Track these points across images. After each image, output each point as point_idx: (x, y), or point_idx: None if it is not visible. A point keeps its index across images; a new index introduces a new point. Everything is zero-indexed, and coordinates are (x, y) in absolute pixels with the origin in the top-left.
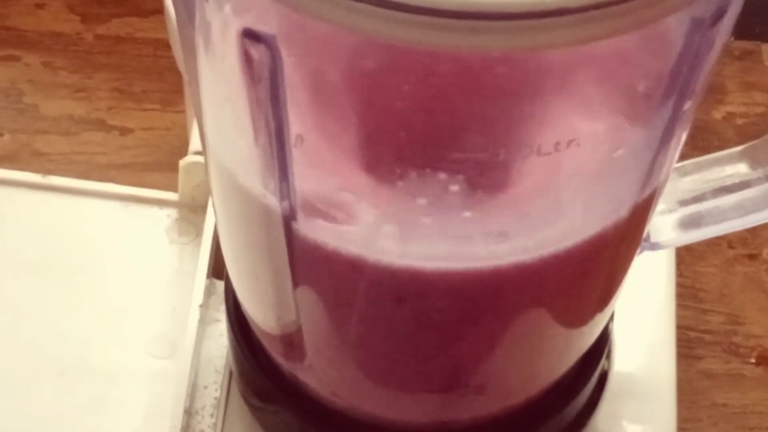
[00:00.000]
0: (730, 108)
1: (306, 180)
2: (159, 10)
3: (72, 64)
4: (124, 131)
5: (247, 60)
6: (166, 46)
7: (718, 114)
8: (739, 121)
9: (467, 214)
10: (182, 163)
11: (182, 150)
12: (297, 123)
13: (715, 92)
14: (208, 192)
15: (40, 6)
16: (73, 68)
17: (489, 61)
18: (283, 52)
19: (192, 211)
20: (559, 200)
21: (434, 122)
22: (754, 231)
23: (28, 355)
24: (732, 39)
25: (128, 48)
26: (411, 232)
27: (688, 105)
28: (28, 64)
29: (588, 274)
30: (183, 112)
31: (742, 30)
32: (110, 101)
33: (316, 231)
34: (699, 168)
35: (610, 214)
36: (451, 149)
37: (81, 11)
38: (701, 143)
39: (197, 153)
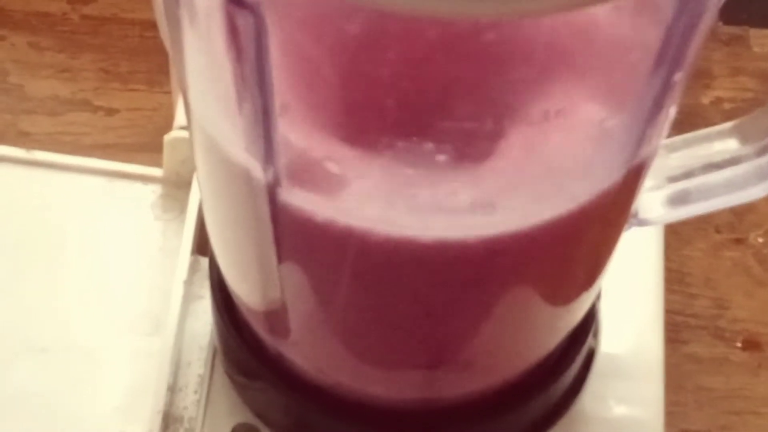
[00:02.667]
0: (718, 93)
1: (291, 149)
2: None
3: (58, 44)
4: (110, 111)
5: (232, 28)
6: (153, 26)
7: (705, 99)
8: (727, 106)
9: (455, 184)
10: (167, 138)
11: (169, 130)
12: (282, 91)
13: (703, 77)
14: (192, 168)
15: None
16: (58, 48)
17: (477, 28)
18: (268, 19)
19: (176, 188)
20: (548, 171)
21: (421, 90)
22: (741, 216)
23: (9, 331)
24: (720, 24)
25: (114, 28)
26: (397, 202)
27: (677, 76)
28: (14, 44)
29: (575, 247)
30: (169, 92)
31: (730, 15)
32: (96, 81)
33: (301, 201)
34: (688, 144)
35: (598, 186)
36: (438, 118)
37: None
38: (688, 128)
39: (182, 128)
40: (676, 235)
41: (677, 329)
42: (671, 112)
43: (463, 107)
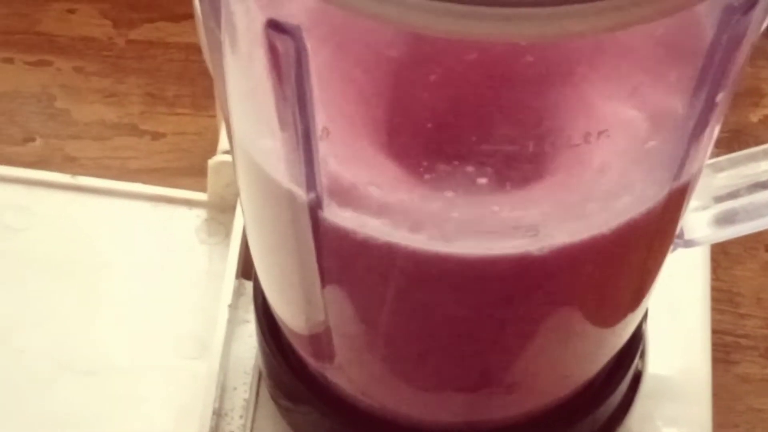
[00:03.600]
0: (767, 111)
1: (332, 172)
2: (190, 15)
3: (103, 69)
4: (156, 136)
5: (273, 52)
6: (198, 50)
7: (754, 117)
8: None
9: (495, 207)
10: (211, 162)
11: (214, 154)
12: (323, 115)
13: (752, 95)
14: (237, 192)
15: (71, 11)
16: (104, 73)
17: (517, 50)
18: (308, 44)
19: (221, 212)
20: (590, 193)
21: (462, 113)
22: None
23: (56, 354)
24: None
25: (160, 52)
26: (439, 225)
27: (720, 96)
28: (60, 69)
29: (620, 269)
30: (215, 116)
31: None
32: (142, 106)
33: (343, 223)
34: (733, 164)
35: (641, 208)
36: (479, 141)
37: (112, 16)
38: (737, 147)
39: (226, 152)
40: (725, 255)
41: (727, 350)
42: (715, 131)
43: (504, 130)
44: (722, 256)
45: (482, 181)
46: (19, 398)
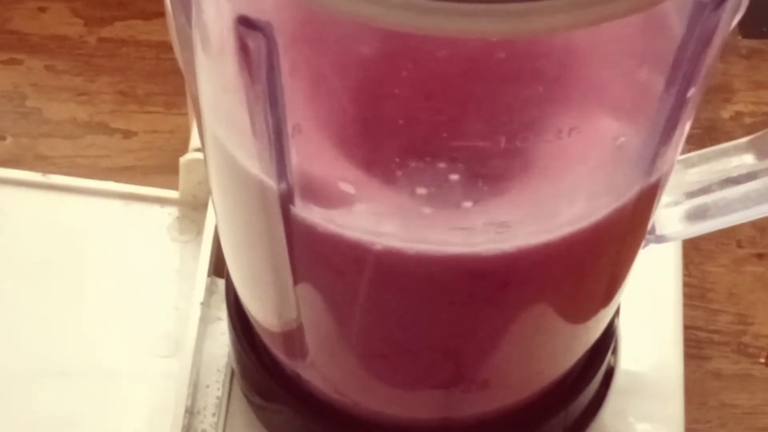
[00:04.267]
0: (738, 107)
1: (304, 169)
2: (162, 13)
3: (75, 68)
4: (128, 134)
5: (243, 49)
6: (169, 48)
7: (726, 113)
8: (748, 120)
9: (468, 204)
10: (183, 160)
11: (186, 152)
12: (295, 112)
13: (723, 91)
14: (208, 190)
15: (42, 9)
16: (75, 71)
17: (488, 47)
18: (279, 40)
19: (193, 209)
20: (562, 189)
21: (433, 109)
22: (763, 230)
23: (29, 354)
24: (739, 38)
25: (131, 51)
26: (410, 221)
27: (691, 92)
28: (31, 68)
29: (592, 265)
30: (186, 114)
31: (749, 28)
32: (113, 104)
33: (314, 219)
34: (705, 159)
35: (613, 204)
36: (450, 137)
37: (84, 14)
38: (709, 143)
39: (198, 150)
40: (697, 251)
41: (700, 345)
42: (686, 127)
43: (476, 126)
44: (694, 252)
45: (454, 177)
46: None
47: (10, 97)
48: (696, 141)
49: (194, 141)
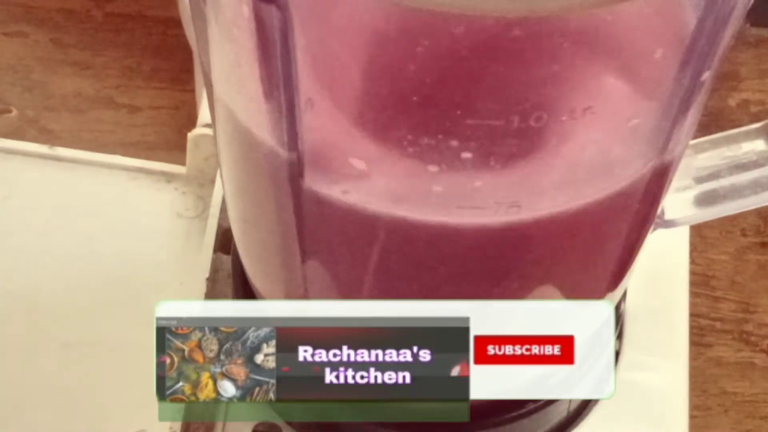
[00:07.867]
0: (744, 95)
1: (316, 143)
2: None
3: (81, 42)
4: (133, 109)
5: (258, 23)
6: (177, 24)
7: (732, 101)
8: (754, 108)
9: (479, 182)
10: (191, 135)
11: (191, 128)
12: (308, 86)
13: (730, 79)
14: (215, 165)
15: None
16: (81, 45)
17: (505, 25)
18: (294, 14)
19: (200, 185)
20: (573, 168)
21: (447, 87)
22: (767, 219)
23: (33, 326)
24: (747, 26)
25: (138, 26)
26: (421, 198)
27: (705, 75)
28: (37, 41)
29: (600, 247)
30: (192, 90)
31: (757, 17)
32: (119, 79)
33: (323, 192)
34: (715, 145)
35: (623, 185)
36: (464, 115)
37: None
38: (716, 130)
39: (206, 126)
40: (701, 239)
41: (702, 333)
42: (699, 112)
43: (490, 105)
44: (698, 239)
45: (466, 155)
46: None
47: (15, 69)
48: (703, 128)
49: (202, 116)
